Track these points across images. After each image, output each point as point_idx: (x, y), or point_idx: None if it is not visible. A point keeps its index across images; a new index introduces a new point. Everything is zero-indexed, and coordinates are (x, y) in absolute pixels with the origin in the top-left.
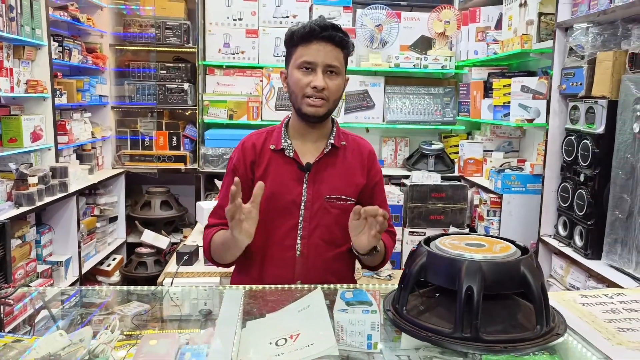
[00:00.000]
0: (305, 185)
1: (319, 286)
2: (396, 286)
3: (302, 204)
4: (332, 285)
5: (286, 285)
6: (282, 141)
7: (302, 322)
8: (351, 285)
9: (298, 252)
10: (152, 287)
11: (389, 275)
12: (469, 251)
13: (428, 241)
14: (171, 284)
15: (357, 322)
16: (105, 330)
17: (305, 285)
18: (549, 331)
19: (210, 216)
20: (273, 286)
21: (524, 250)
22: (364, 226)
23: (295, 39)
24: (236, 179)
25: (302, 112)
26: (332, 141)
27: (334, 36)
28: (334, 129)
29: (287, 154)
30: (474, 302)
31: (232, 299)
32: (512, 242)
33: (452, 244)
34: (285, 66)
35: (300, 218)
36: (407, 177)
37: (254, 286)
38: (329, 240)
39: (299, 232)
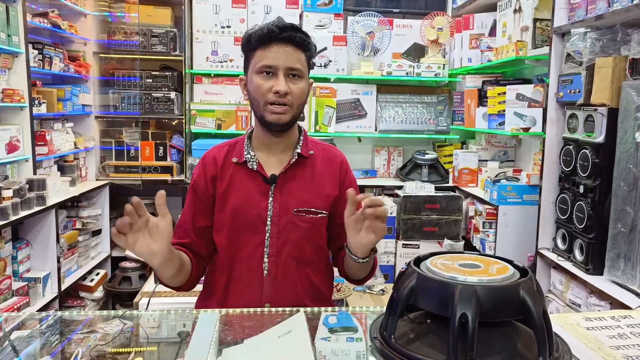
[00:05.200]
0: (271, 199)
1: (302, 309)
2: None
3: (269, 219)
4: (315, 309)
5: (265, 309)
6: (245, 153)
7: (281, 350)
8: (336, 309)
9: (265, 272)
10: (121, 312)
11: (382, 290)
12: (462, 273)
13: (419, 261)
14: (147, 307)
15: (341, 352)
16: None
17: (287, 308)
18: None
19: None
20: (252, 309)
21: (522, 271)
22: (364, 221)
23: (253, 42)
24: (135, 198)
25: (265, 121)
26: (298, 151)
27: (294, 37)
28: (301, 138)
29: (251, 167)
30: (468, 331)
31: (206, 325)
32: (510, 262)
33: (445, 265)
34: (244, 72)
35: (267, 234)
36: (400, 187)
37: (230, 310)
38: (299, 258)
39: (265, 249)
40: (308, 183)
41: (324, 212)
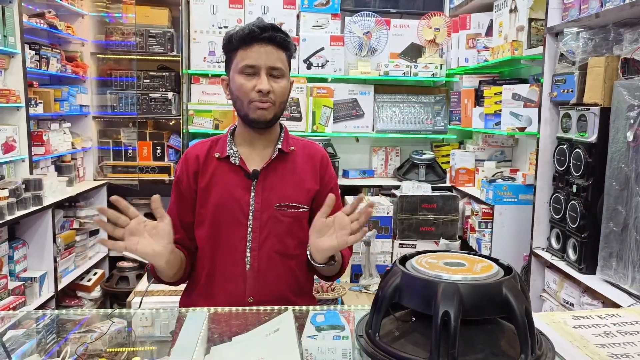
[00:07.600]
0: (253, 194)
1: (290, 308)
2: None
3: (251, 214)
4: (303, 307)
5: (254, 307)
6: (228, 149)
7: (268, 347)
8: (324, 307)
9: (248, 266)
10: (110, 310)
11: None
12: (446, 271)
13: (405, 260)
14: (139, 305)
15: (327, 350)
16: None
17: (275, 307)
18: None
19: None
20: (240, 308)
21: (507, 270)
22: (330, 228)
23: (235, 43)
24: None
25: (249, 118)
26: (279, 146)
27: (274, 37)
28: (282, 135)
29: (233, 162)
30: (451, 329)
31: (193, 323)
32: (496, 260)
33: (430, 264)
34: (225, 72)
35: (249, 229)
36: (397, 187)
37: (218, 308)
38: (281, 252)
39: (248, 243)
40: (289, 178)
41: (305, 206)
